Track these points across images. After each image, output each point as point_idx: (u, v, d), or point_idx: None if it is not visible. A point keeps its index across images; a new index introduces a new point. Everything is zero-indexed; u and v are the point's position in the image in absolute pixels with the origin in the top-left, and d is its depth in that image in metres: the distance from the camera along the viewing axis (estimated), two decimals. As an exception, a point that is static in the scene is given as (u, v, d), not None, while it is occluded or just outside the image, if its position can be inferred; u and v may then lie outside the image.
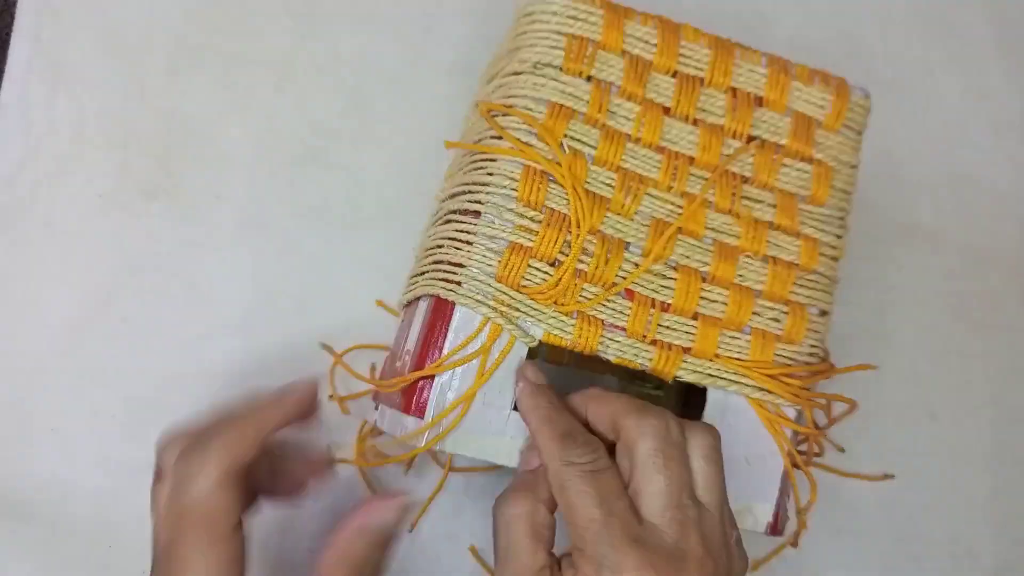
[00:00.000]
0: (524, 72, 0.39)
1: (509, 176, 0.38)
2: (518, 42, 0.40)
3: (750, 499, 0.39)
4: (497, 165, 0.38)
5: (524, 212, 0.38)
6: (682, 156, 0.39)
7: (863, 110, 0.42)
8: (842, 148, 0.41)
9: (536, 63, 0.39)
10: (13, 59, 0.48)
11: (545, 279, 0.37)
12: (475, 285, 0.37)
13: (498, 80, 0.41)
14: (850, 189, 0.42)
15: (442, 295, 0.38)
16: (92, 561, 0.44)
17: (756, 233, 0.39)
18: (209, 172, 0.48)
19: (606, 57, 0.39)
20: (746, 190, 0.40)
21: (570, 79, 0.39)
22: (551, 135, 0.38)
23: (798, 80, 0.41)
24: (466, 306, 0.37)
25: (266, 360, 0.47)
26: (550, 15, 0.39)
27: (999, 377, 0.53)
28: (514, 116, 0.38)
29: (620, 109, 0.39)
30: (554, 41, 0.39)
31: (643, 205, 0.39)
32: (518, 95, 0.39)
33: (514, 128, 0.38)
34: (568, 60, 0.39)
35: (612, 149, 0.39)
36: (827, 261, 0.41)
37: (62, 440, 0.45)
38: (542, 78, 0.39)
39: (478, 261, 0.37)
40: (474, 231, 0.38)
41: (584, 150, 0.38)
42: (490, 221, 0.38)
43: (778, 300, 0.40)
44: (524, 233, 0.37)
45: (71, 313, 0.46)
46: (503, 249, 0.37)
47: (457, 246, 0.38)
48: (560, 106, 0.38)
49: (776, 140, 0.40)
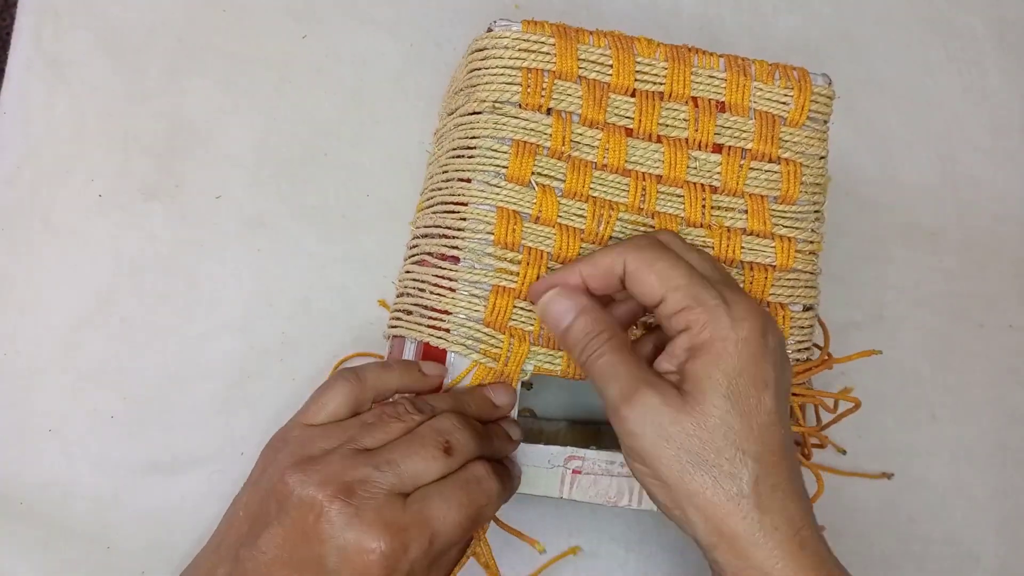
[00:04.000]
0: (483, 111, 0.39)
1: (483, 220, 0.38)
2: (473, 79, 0.40)
3: None
4: (470, 209, 0.38)
5: (502, 255, 0.38)
6: (649, 176, 0.39)
7: (827, 99, 0.41)
8: (809, 142, 0.41)
9: (495, 101, 0.39)
10: (13, 59, 0.48)
11: (531, 317, 0.38)
12: (465, 332, 0.38)
13: (457, 118, 0.41)
14: (821, 181, 0.41)
15: (432, 343, 0.38)
16: (92, 561, 0.44)
17: (729, 242, 0.40)
18: (209, 172, 0.48)
19: (563, 86, 0.39)
20: (716, 199, 0.40)
21: (530, 115, 0.39)
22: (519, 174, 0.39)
23: (758, 80, 0.40)
24: (457, 353, 0.38)
25: (266, 360, 0.47)
26: (502, 50, 0.39)
27: (999, 377, 0.53)
28: (480, 158, 0.39)
29: (583, 138, 0.39)
30: (509, 77, 0.39)
31: (616, 230, 0.39)
32: (480, 135, 0.39)
33: (481, 170, 0.39)
34: (526, 95, 0.39)
35: (580, 180, 0.39)
36: (805, 257, 0.40)
37: (62, 440, 0.45)
38: (502, 116, 0.39)
39: (464, 308, 0.38)
40: (455, 277, 0.38)
41: (553, 184, 0.39)
42: (470, 267, 0.38)
43: (759, 303, 0.40)
44: (505, 275, 0.38)
45: (71, 313, 0.46)
46: (487, 294, 0.38)
47: (440, 292, 0.39)
48: (523, 143, 0.39)
49: (741, 145, 0.40)
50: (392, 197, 0.49)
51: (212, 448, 0.46)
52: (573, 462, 0.38)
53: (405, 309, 0.41)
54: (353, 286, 0.48)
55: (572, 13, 0.53)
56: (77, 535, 0.44)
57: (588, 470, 0.38)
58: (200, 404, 0.46)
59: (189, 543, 0.45)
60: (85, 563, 0.44)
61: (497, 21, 0.39)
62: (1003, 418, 0.53)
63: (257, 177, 0.49)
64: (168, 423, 0.46)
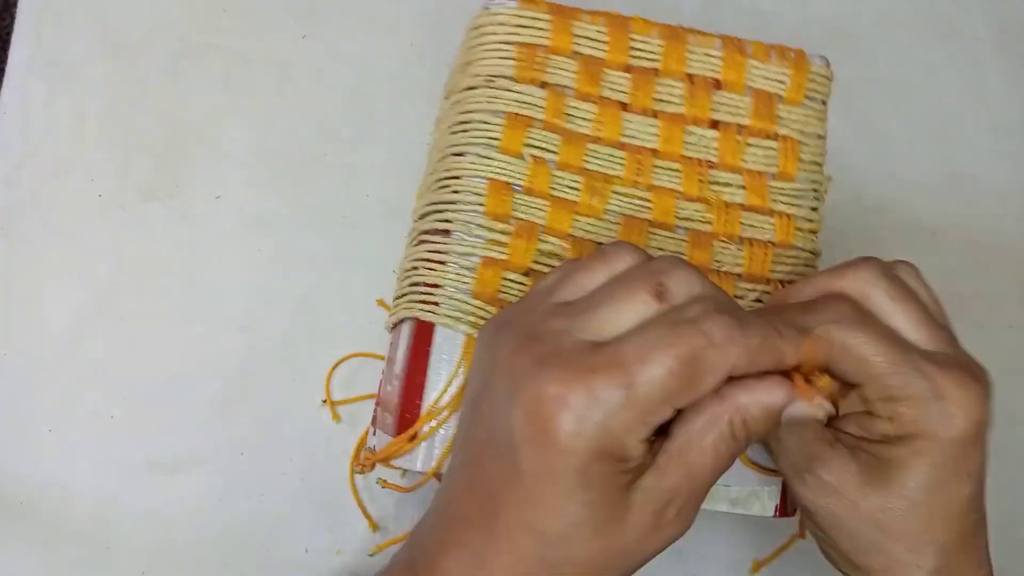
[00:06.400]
0: (478, 86, 0.39)
1: (474, 192, 0.38)
2: (469, 56, 0.40)
3: (756, 483, 0.39)
4: (462, 183, 0.38)
5: (493, 226, 0.38)
6: (644, 150, 0.39)
7: (825, 79, 0.41)
8: (807, 120, 0.41)
9: (489, 76, 0.39)
10: (13, 59, 0.48)
11: (521, 290, 0.38)
12: (453, 304, 0.38)
13: (454, 96, 0.41)
14: (820, 160, 0.41)
15: (421, 317, 0.38)
16: (92, 561, 0.44)
17: (728, 217, 0.39)
18: (209, 172, 0.48)
19: (558, 61, 0.39)
20: (713, 175, 0.40)
21: (524, 87, 0.39)
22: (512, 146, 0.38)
23: (754, 58, 0.40)
24: (446, 326, 0.37)
25: (266, 360, 0.47)
26: (498, 26, 0.39)
27: (999, 377, 0.53)
28: (473, 131, 0.39)
29: (577, 111, 0.39)
30: (505, 52, 0.39)
31: (611, 204, 0.39)
32: (475, 109, 0.39)
33: (474, 143, 0.38)
34: (520, 69, 0.39)
35: (574, 152, 0.39)
36: (805, 235, 0.40)
37: (62, 440, 0.45)
38: (497, 90, 0.39)
39: (453, 280, 0.38)
40: (446, 250, 0.38)
41: (546, 156, 0.39)
42: (460, 239, 0.38)
43: (759, 280, 0.39)
44: (495, 247, 0.38)
45: (71, 313, 0.46)
46: (476, 265, 0.37)
47: (431, 267, 0.39)
48: (517, 115, 0.39)
49: (738, 121, 0.40)
50: (392, 197, 0.49)
51: (212, 448, 0.46)
52: None
53: (402, 292, 0.41)
54: (353, 286, 0.48)
55: (572, 13, 0.53)
56: (77, 535, 0.44)
57: None
58: (200, 404, 0.46)
59: (189, 543, 0.45)
60: (85, 563, 0.44)
61: (495, 0, 0.39)
62: (1003, 418, 0.53)
63: (257, 177, 0.49)
64: (168, 423, 0.46)
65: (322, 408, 0.47)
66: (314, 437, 0.46)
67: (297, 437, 0.46)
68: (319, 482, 0.46)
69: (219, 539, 0.45)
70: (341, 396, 0.47)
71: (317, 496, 0.46)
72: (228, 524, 0.45)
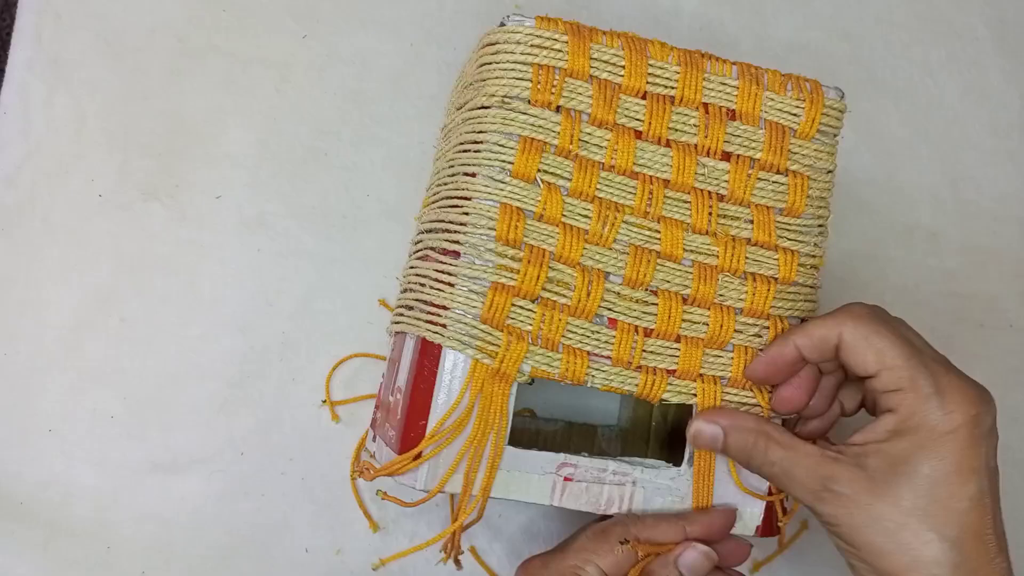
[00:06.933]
0: (492, 106, 0.39)
1: (486, 215, 0.38)
2: (483, 73, 0.40)
3: (740, 503, 0.39)
4: (473, 204, 0.38)
5: (504, 251, 0.38)
6: (657, 180, 0.39)
7: (838, 112, 0.41)
8: (818, 155, 0.40)
9: (504, 96, 0.38)
10: (13, 59, 0.48)
11: (530, 316, 0.38)
12: (461, 328, 0.37)
13: (466, 112, 0.40)
14: (827, 195, 0.41)
15: (428, 337, 0.38)
16: (92, 561, 0.44)
17: (734, 252, 0.39)
18: (209, 172, 0.48)
19: (574, 85, 0.39)
20: (722, 208, 0.39)
21: (539, 111, 0.38)
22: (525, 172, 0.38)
23: (770, 90, 0.40)
24: (452, 348, 0.37)
25: (266, 360, 0.47)
26: (514, 45, 0.39)
27: (999, 377, 0.53)
28: (486, 152, 0.38)
29: (592, 137, 0.39)
30: (520, 72, 0.38)
31: (621, 233, 0.39)
32: (488, 130, 0.39)
33: (487, 164, 0.38)
34: (536, 92, 0.38)
35: (586, 179, 0.38)
36: (807, 271, 0.40)
37: (62, 440, 0.45)
38: (511, 112, 0.38)
39: (462, 303, 0.37)
40: (455, 272, 0.38)
41: (558, 183, 0.38)
42: (470, 262, 0.38)
43: (759, 316, 0.39)
44: (505, 272, 0.37)
45: (71, 313, 0.46)
46: (485, 290, 0.37)
47: (439, 287, 0.38)
48: (531, 140, 0.38)
49: (750, 155, 0.40)
50: (392, 197, 0.49)
51: (212, 448, 0.46)
52: (565, 469, 0.38)
53: (407, 305, 0.41)
54: (353, 286, 0.48)
55: (572, 13, 0.53)
56: (77, 535, 0.44)
57: (580, 477, 0.38)
58: (200, 404, 0.46)
59: (189, 543, 0.45)
60: (85, 563, 0.44)
61: (510, 16, 0.39)
62: (1003, 418, 0.52)
63: (257, 177, 0.49)
64: (168, 423, 0.46)
65: (322, 408, 0.47)
66: (314, 437, 0.46)
67: (297, 437, 0.46)
68: (319, 482, 0.46)
69: (219, 539, 0.45)
70: (341, 396, 0.47)
71: (317, 496, 0.46)
72: (228, 524, 0.45)
